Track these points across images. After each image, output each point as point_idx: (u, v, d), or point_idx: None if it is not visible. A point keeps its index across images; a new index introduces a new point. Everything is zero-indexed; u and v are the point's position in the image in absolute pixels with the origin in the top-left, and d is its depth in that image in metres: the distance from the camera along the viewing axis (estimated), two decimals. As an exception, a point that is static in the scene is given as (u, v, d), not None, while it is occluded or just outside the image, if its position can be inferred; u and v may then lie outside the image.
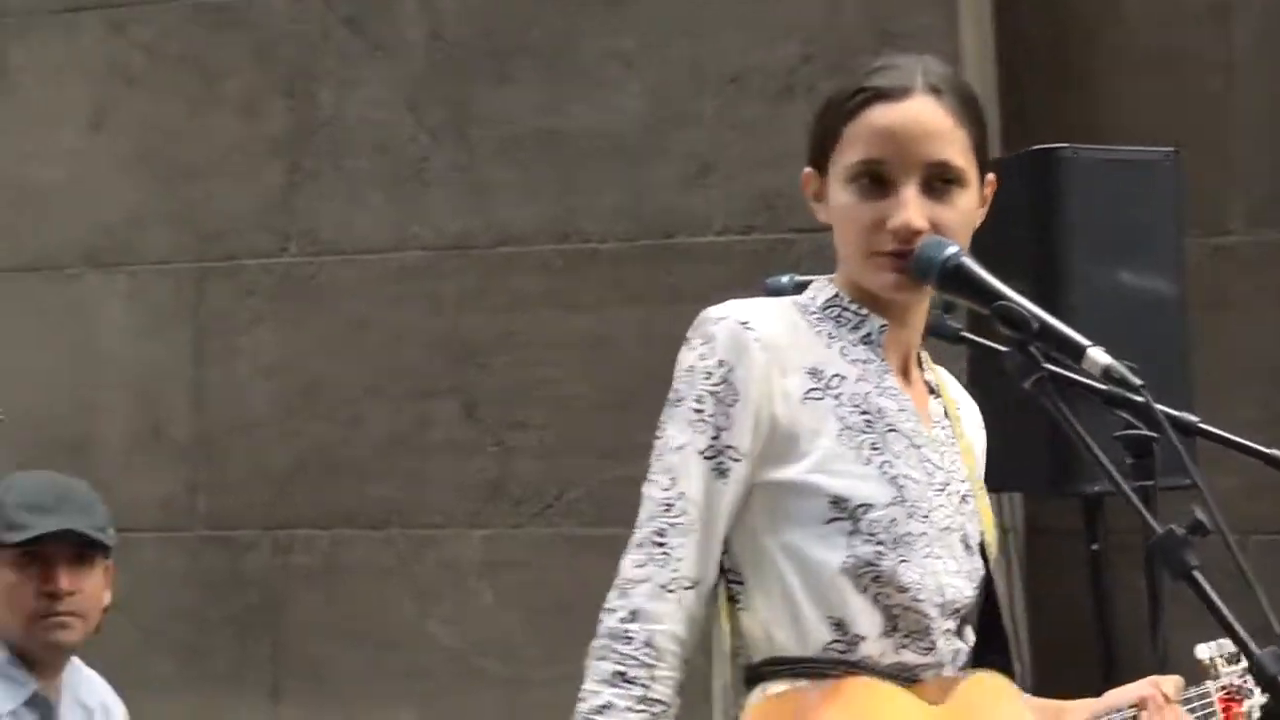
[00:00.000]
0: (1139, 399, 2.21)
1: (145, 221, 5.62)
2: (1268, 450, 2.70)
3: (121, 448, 5.60)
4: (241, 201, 5.54)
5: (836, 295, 2.40)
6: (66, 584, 3.49)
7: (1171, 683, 2.54)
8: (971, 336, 3.27)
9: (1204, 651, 2.72)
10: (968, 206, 2.36)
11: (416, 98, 5.38)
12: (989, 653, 2.42)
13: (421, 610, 5.32)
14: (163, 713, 5.12)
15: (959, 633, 2.38)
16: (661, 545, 2.29)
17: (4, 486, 3.57)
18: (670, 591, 2.27)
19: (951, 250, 2.28)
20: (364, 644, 5.32)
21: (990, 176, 2.41)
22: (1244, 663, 2.38)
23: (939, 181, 2.33)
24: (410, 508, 5.34)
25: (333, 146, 5.45)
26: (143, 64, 5.66)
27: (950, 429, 2.46)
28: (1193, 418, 2.72)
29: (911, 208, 2.31)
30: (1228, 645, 2.69)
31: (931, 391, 2.47)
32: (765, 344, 2.31)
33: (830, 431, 2.32)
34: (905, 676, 2.31)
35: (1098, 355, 2.19)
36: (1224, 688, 2.69)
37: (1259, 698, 2.38)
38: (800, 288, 2.47)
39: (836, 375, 2.36)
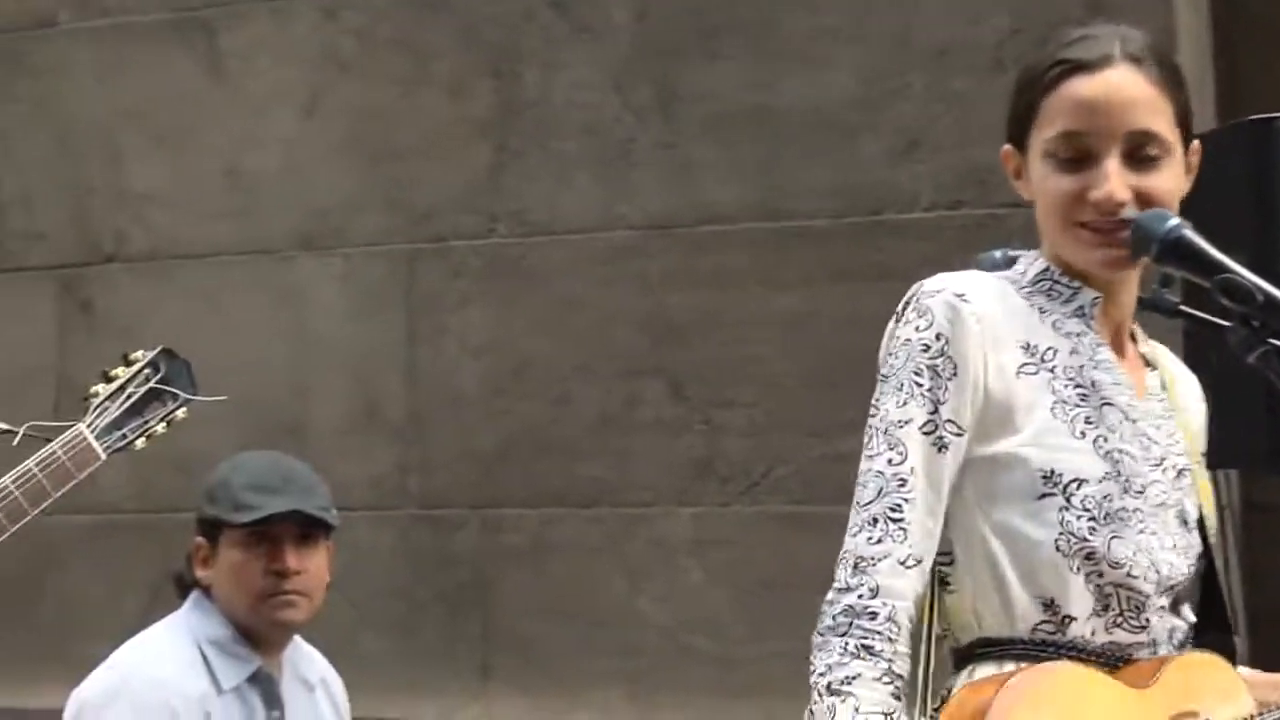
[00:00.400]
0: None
1: (357, 205, 5.70)
2: None
3: (335, 428, 5.68)
4: (450, 183, 5.59)
5: (1047, 269, 2.38)
6: (293, 563, 3.54)
7: None
8: (1190, 310, 3.21)
9: None
10: (1173, 177, 2.32)
11: (622, 78, 5.39)
12: (1209, 630, 2.38)
13: (631, 588, 5.34)
14: (375, 688, 5.19)
15: (1175, 610, 2.34)
16: (897, 520, 2.27)
17: (230, 467, 3.63)
18: (908, 568, 2.26)
19: (1173, 223, 2.24)
20: (573, 622, 5.36)
21: (1195, 145, 2.36)
22: None
23: (1142, 152, 2.29)
24: (619, 486, 5.37)
25: (539, 127, 5.48)
26: (354, 49, 5.73)
27: (1167, 402, 2.42)
28: None
29: (1114, 179, 2.27)
30: None
31: (1147, 364, 2.44)
32: (980, 317, 2.28)
33: (1044, 405, 2.30)
34: (1117, 656, 2.27)
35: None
36: None
37: None
38: (1011, 262, 2.45)
39: (1050, 349, 2.33)
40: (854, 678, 2.21)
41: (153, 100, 5.95)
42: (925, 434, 2.28)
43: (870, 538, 2.27)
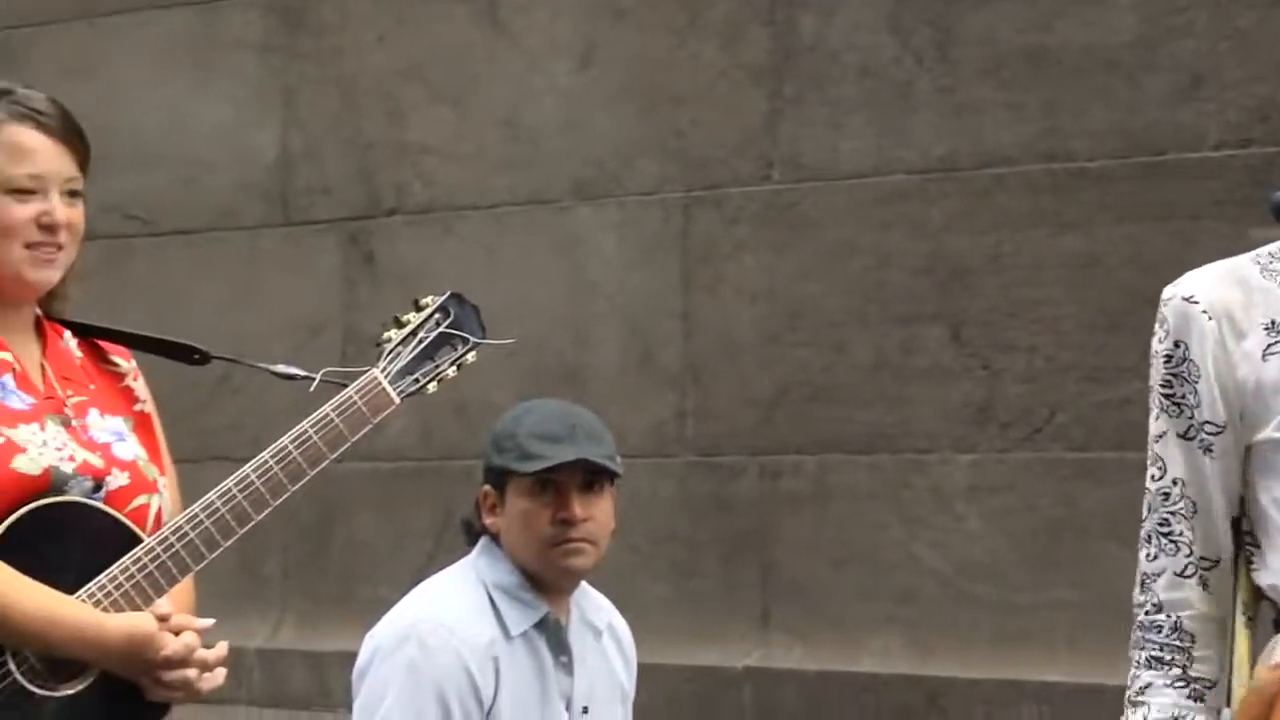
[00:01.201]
0: None
1: (633, 153, 5.73)
2: None
3: (612, 376, 5.73)
4: (725, 130, 5.59)
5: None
6: (579, 511, 3.57)
7: None
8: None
9: None
10: None
11: (899, 20, 5.34)
12: None
13: (909, 535, 5.31)
14: (656, 633, 5.23)
15: None
16: (1167, 534, 2.35)
17: (515, 417, 3.66)
18: (1187, 577, 2.34)
19: None
20: (851, 568, 5.35)
21: None
22: None
23: None
24: (897, 432, 5.34)
25: (815, 72, 5.46)
26: (629, -1, 5.76)
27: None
28: None
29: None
30: None
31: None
32: (1214, 313, 2.30)
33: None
34: None
35: None
36: None
37: None
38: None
39: (1297, 322, 2.31)
40: (1146, 688, 2.36)
41: (432, 55, 6.04)
42: (1187, 440, 2.34)
43: (1148, 554, 2.38)
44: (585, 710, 3.69)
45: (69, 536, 2.99)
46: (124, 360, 3.30)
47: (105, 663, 2.97)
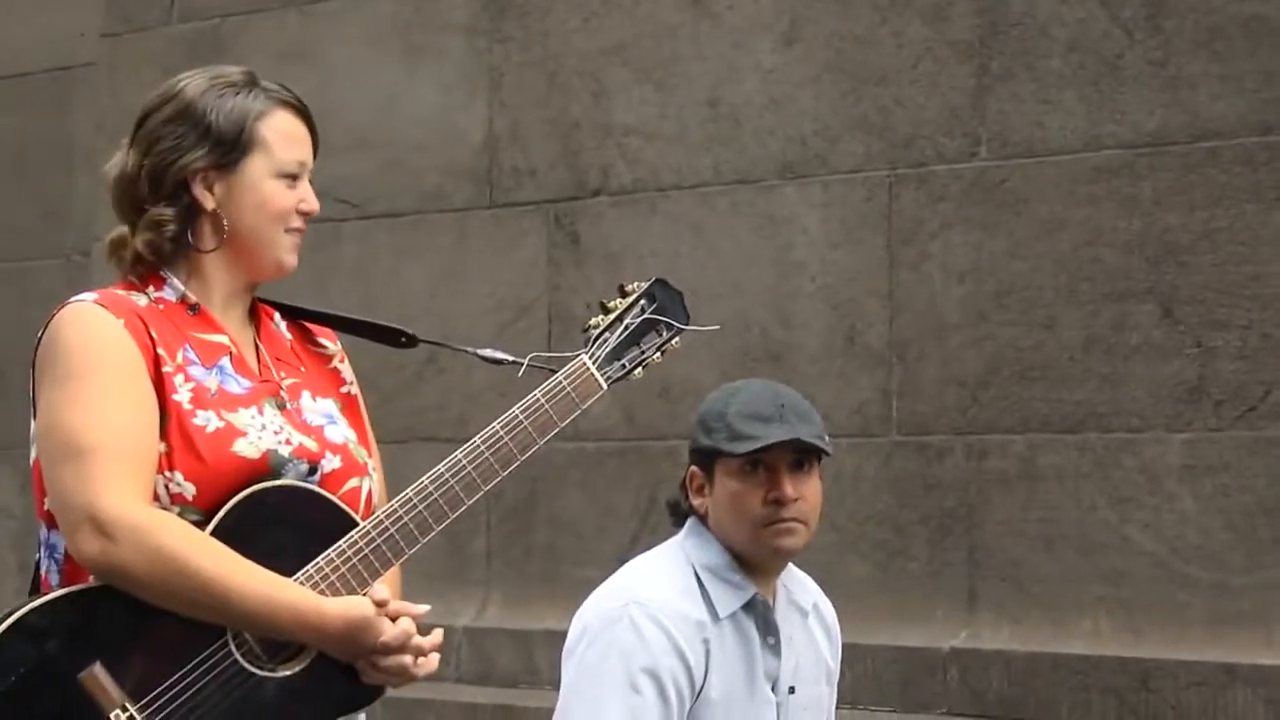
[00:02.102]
0: None
1: (838, 132, 5.70)
2: None
3: (817, 355, 5.71)
4: (931, 107, 5.54)
5: None
6: (791, 491, 3.56)
7: None
8: None
9: None
10: None
11: (1109, -8, 5.26)
12: None
13: (1120, 515, 5.24)
14: (861, 613, 5.21)
15: None
16: None
17: (722, 398, 3.65)
18: None
19: None
20: (1062, 549, 5.28)
21: None
22: None
23: None
24: (1107, 411, 5.26)
25: (1023, 47, 5.39)
26: (831, -24, 5.73)
27: None
28: None
29: None
30: None
31: None
32: None
33: None
34: None
35: None
36: None
37: None
38: None
39: None
40: None
41: (637, 35, 6.05)
42: None
43: None
44: (791, 690, 3.68)
45: (286, 520, 3.04)
46: (331, 342, 3.34)
47: (323, 646, 3.02)
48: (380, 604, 3.03)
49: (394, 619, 3.04)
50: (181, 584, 2.94)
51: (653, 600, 3.53)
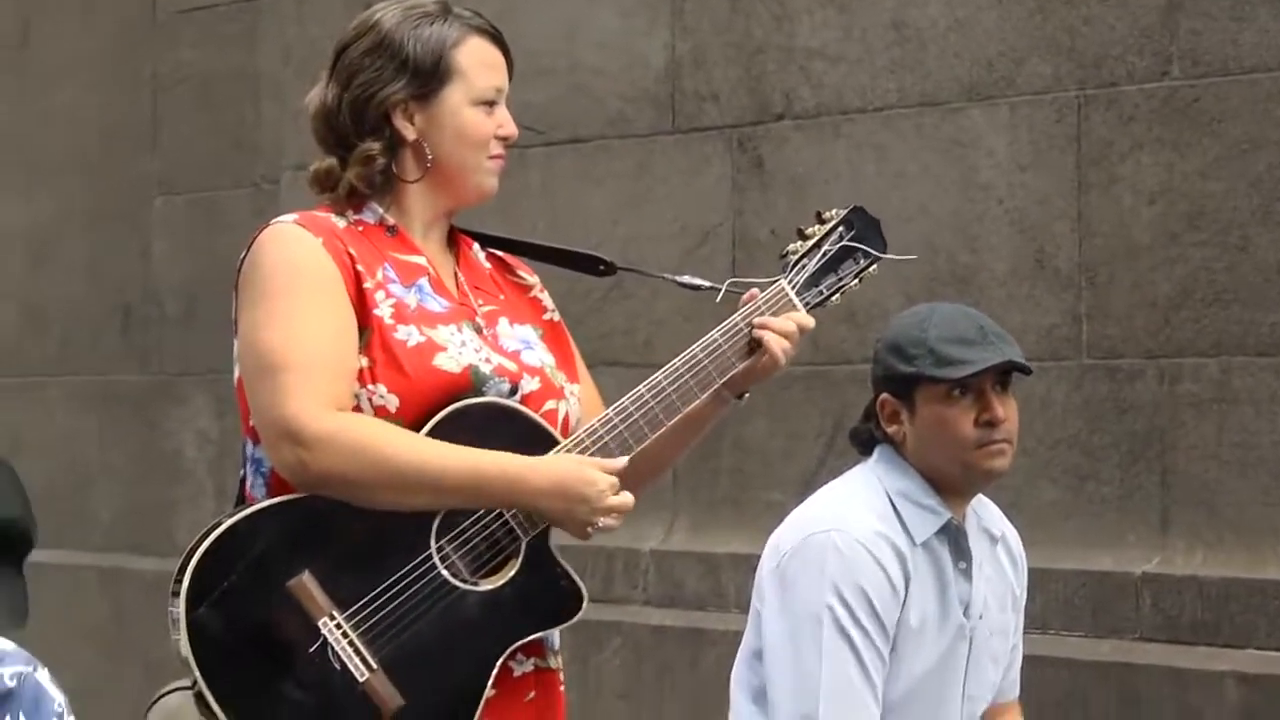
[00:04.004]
0: None
1: (1024, 53, 5.62)
2: None
3: (1004, 279, 5.66)
4: (1121, 26, 5.45)
5: None
6: (1000, 412, 3.56)
7: None
8: None
9: None
10: None
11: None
12: None
13: (1317, 439, 5.16)
14: (1051, 538, 5.20)
15: None
16: None
17: (917, 323, 3.63)
18: None
19: None
20: (1257, 473, 5.21)
21: None
22: None
23: None
24: (1305, 334, 5.17)
25: (1217, -37, 5.29)
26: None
27: None
28: None
29: None
30: None
31: None
32: None
33: None
34: None
35: None
36: None
37: None
38: None
39: None
40: None
41: (820, -44, 6.01)
42: None
43: None
44: (981, 616, 3.68)
45: (491, 436, 3.08)
46: (528, 274, 3.38)
47: (536, 504, 3.05)
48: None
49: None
50: (387, 473, 2.99)
51: (854, 526, 3.53)
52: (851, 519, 3.55)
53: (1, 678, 2.44)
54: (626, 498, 3.10)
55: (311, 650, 2.97)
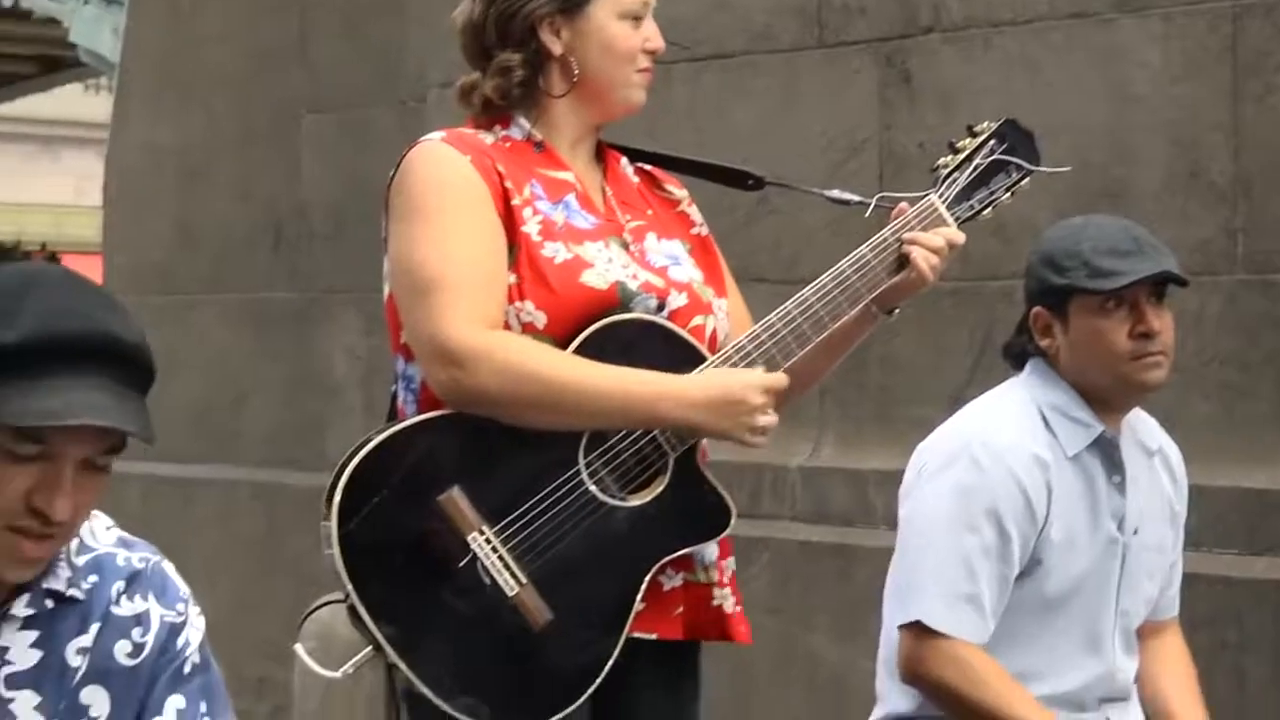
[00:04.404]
0: None
1: (1179, -39, 5.52)
2: None
3: (1157, 192, 5.57)
4: (1279, -67, 5.33)
5: None
6: (1157, 324, 3.52)
7: None
8: None
9: None
10: None
11: None
12: None
13: None
14: (1204, 455, 5.10)
15: None
16: None
17: (1069, 235, 3.58)
18: None
19: None
20: None
21: None
22: None
23: None
24: None
25: None
26: None
27: None
28: None
29: None
30: None
31: None
32: None
33: None
34: None
35: None
36: None
37: None
38: None
39: None
40: None
41: None
42: None
43: None
44: (1136, 531, 3.64)
45: (639, 352, 3.08)
46: (677, 189, 3.37)
47: (691, 417, 3.06)
48: None
49: None
50: (536, 390, 3.00)
51: (994, 438, 3.51)
52: (995, 432, 3.52)
53: (130, 560, 2.51)
54: (772, 417, 3.10)
55: (461, 564, 3.00)
